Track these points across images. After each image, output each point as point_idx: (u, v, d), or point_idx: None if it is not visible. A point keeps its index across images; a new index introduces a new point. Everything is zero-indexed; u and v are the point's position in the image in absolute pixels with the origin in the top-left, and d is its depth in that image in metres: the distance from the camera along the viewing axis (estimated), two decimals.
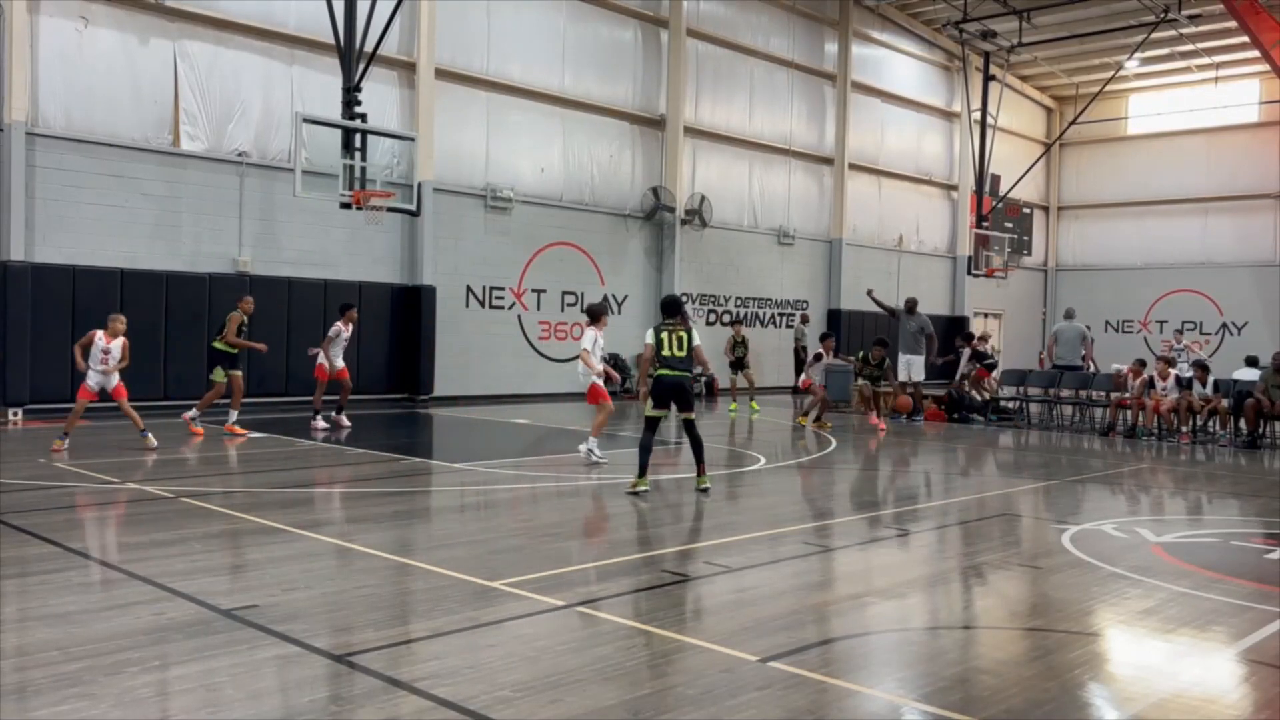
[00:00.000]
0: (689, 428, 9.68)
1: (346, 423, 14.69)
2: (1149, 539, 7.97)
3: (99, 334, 11.54)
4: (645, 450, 9.46)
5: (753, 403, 19.17)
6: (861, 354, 17.60)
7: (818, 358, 17.87)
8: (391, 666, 4.64)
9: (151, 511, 8.17)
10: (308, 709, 4.14)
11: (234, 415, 13.48)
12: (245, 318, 13.40)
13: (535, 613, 5.53)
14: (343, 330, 14.74)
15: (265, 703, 4.19)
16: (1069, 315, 20.23)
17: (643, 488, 9.39)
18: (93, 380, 11.56)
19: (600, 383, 11.73)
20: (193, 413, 13.49)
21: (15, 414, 14.37)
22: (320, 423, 14.29)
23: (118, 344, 11.64)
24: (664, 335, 9.52)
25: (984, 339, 22.65)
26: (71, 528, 7.42)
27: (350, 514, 8.31)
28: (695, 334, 9.67)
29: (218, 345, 13.26)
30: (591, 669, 4.63)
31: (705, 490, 9.55)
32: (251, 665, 4.60)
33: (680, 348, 9.49)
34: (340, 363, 14.87)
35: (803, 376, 18.75)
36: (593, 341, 11.62)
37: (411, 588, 6.19)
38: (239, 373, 13.48)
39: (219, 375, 13.24)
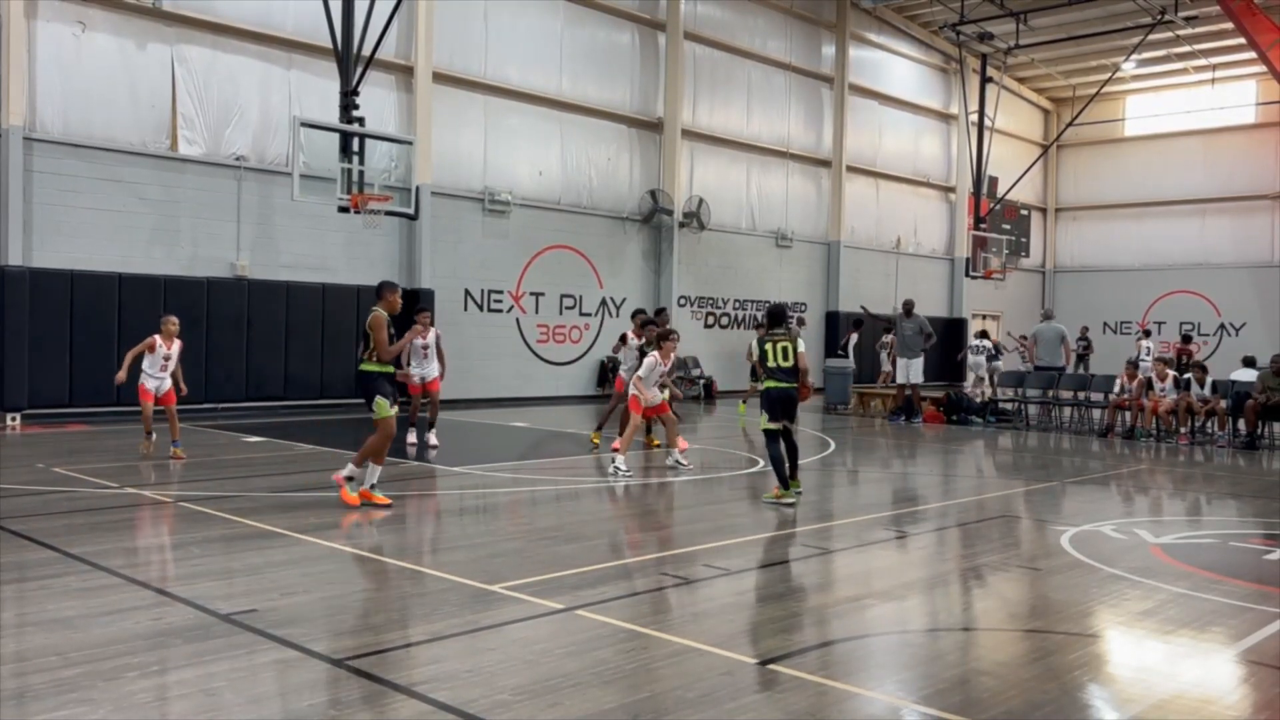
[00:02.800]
0: (787, 436, 9.47)
1: (435, 441, 12.86)
2: (1148, 540, 7.97)
3: (157, 338, 11.39)
4: (778, 461, 9.28)
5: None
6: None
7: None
8: (390, 670, 4.63)
9: (150, 516, 8.16)
10: (307, 713, 4.13)
11: (375, 474, 8.84)
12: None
13: (534, 616, 5.53)
14: (419, 336, 12.25)
15: (264, 707, 4.18)
16: (1048, 316, 20.24)
17: (788, 499, 9.20)
18: (150, 384, 11.39)
19: (651, 401, 11.55)
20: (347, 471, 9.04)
21: (14, 419, 14.35)
22: (411, 438, 12.88)
23: (176, 347, 11.53)
24: (769, 346, 9.37)
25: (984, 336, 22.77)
26: (70, 533, 7.41)
27: (348, 518, 8.30)
28: (800, 343, 9.53)
29: (370, 367, 8.72)
30: (591, 672, 4.63)
31: (799, 494, 9.46)
32: (250, 670, 4.59)
33: (786, 358, 9.31)
34: (430, 373, 12.99)
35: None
36: (650, 369, 11.35)
37: (410, 591, 6.18)
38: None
39: (384, 409, 8.62)
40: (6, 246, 14.44)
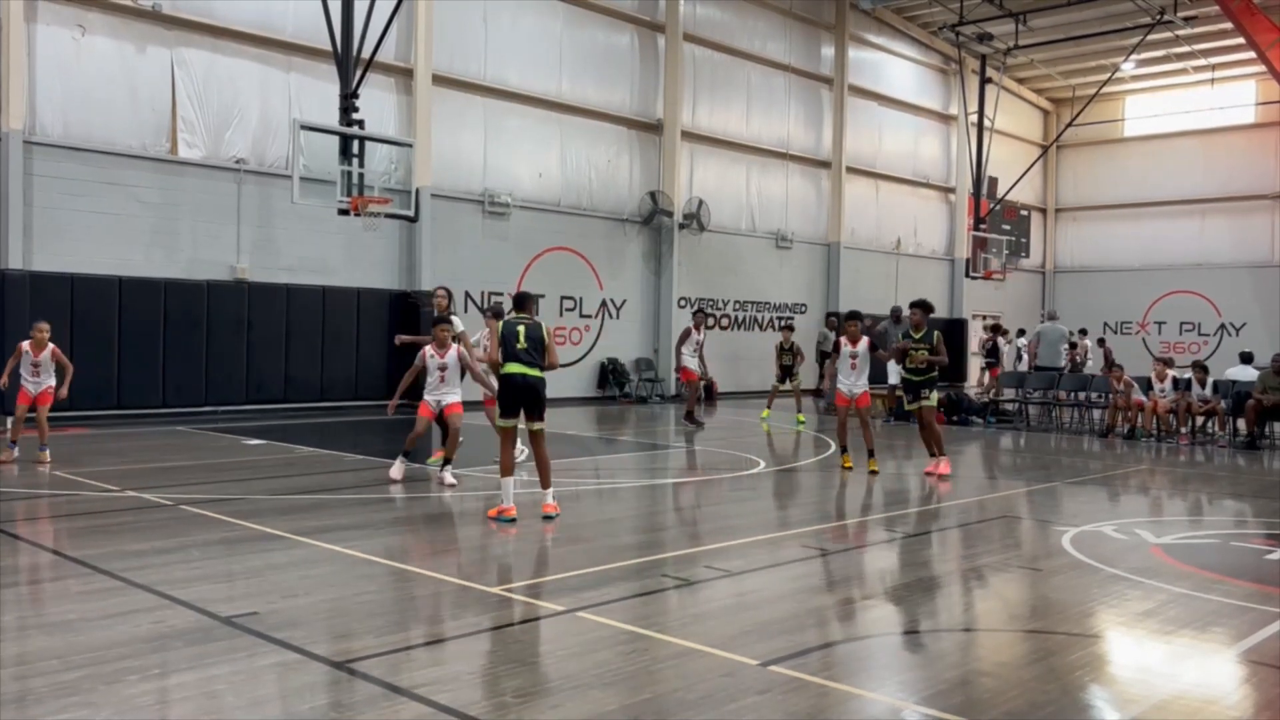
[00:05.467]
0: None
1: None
2: (1149, 540, 7.97)
3: (25, 346, 11.17)
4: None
5: (799, 415, 17.94)
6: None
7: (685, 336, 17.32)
8: (392, 673, 4.63)
9: (151, 519, 8.16)
10: (308, 716, 4.13)
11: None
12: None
13: (535, 618, 5.53)
14: (694, 334, 16.78)
15: (265, 710, 4.18)
16: (1051, 316, 20.21)
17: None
18: (31, 389, 11.20)
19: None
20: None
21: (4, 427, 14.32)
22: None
23: (46, 353, 11.29)
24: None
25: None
26: (71, 536, 7.41)
27: (349, 520, 8.30)
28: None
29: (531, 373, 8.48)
30: (592, 674, 4.63)
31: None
32: (251, 673, 4.59)
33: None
34: (690, 364, 16.80)
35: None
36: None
37: (411, 594, 6.18)
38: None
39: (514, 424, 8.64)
40: (6, 250, 14.44)
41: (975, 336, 32.90)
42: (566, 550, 7.39)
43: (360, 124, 15.29)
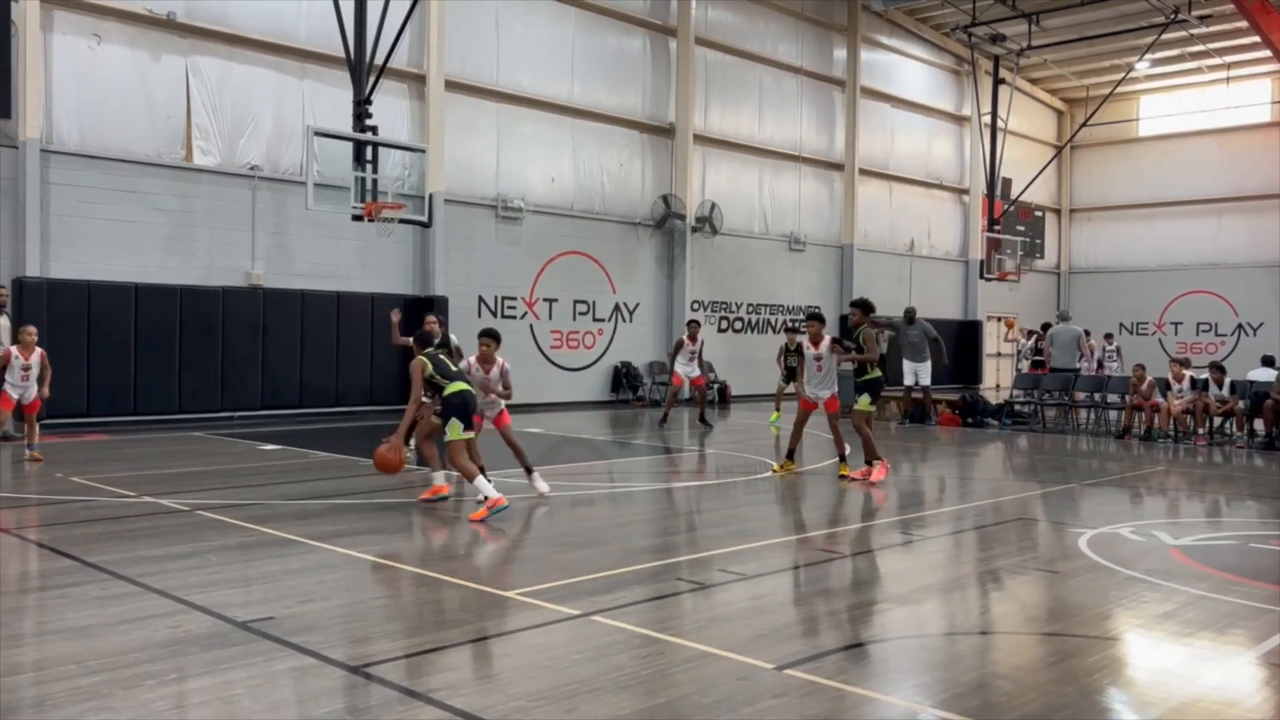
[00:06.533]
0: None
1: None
2: (1167, 542, 7.92)
3: (13, 350, 11.49)
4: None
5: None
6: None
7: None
8: (408, 677, 4.64)
9: (168, 525, 8.20)
10: None
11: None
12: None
13: (550, 622, 5.53)
14: (687, 345, 16.86)
15: (282, 714, 4.20)
16: (1064, 318, 20.08)
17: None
18: (14, 393, 11.58)
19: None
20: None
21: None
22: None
23: (36, 356, 11.63)
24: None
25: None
26: (88, 541, 7.45)
27: (365, 525, 8.32)
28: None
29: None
30: (607, 678, 4.62)
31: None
32: (268, 677, 4.60)
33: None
34: (681, 370, 16.93)
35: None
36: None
37: (426, 598, 6.19)
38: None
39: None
40: (24, 257, 14.55)
41: (991, 337, 32.82)
42: (581, 554, 7.39)
43: (373, 130, 15.34)
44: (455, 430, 8.71)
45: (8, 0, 14.27)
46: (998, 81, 28.69)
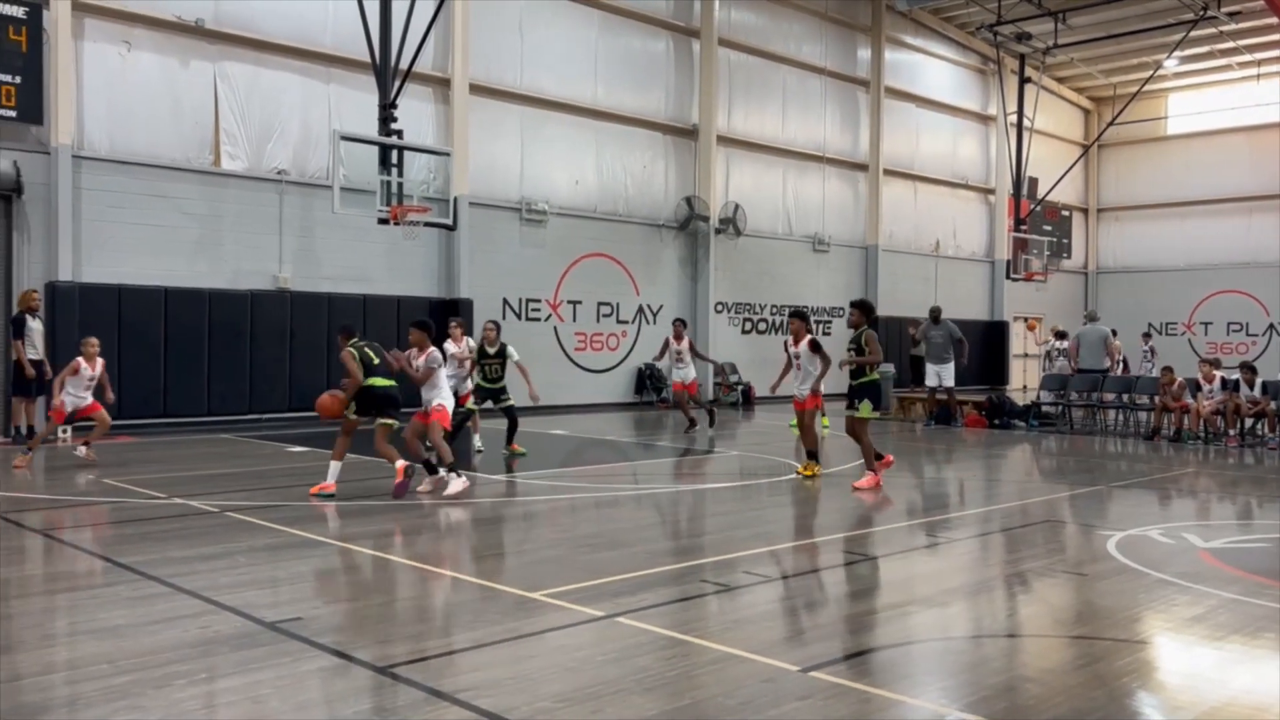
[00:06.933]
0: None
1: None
2: (1197, 544, 7.84)
3: (81, 361, 11.74)
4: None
5: (823, 419, 18.01)
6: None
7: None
8: (434, 678, 4.67)
9: (197, 526, 8.28)
10: None
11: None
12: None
13: (575, 623, 5.54)
14: (672, 344, 16.28)
15: (310, 714, 4.23)
16: (1092, 318, 19.88)
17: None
18: (70, 403, 11.78)
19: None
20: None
21: (65, 431, 14.61)
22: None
23: (99, 366, 11.92)
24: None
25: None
26: (120, 542, 7.54)
27: (391, 527, 8.38)
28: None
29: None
30: (632, 679, 4.63)
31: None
32: (296, 677, 4.65)
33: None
34: (678, 375, 16.32)
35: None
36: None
37: (452, 599, 6.23)
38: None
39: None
40: (57, 263, 14.73)
41: (1017, 338, 32.58)
42: (605, 556, 7.40)
43: (399, 134, 15.46)
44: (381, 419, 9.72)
45: (40, 8, 14.47)
46: (1024, 80, 28.50)
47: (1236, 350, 31.07)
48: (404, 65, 15.62)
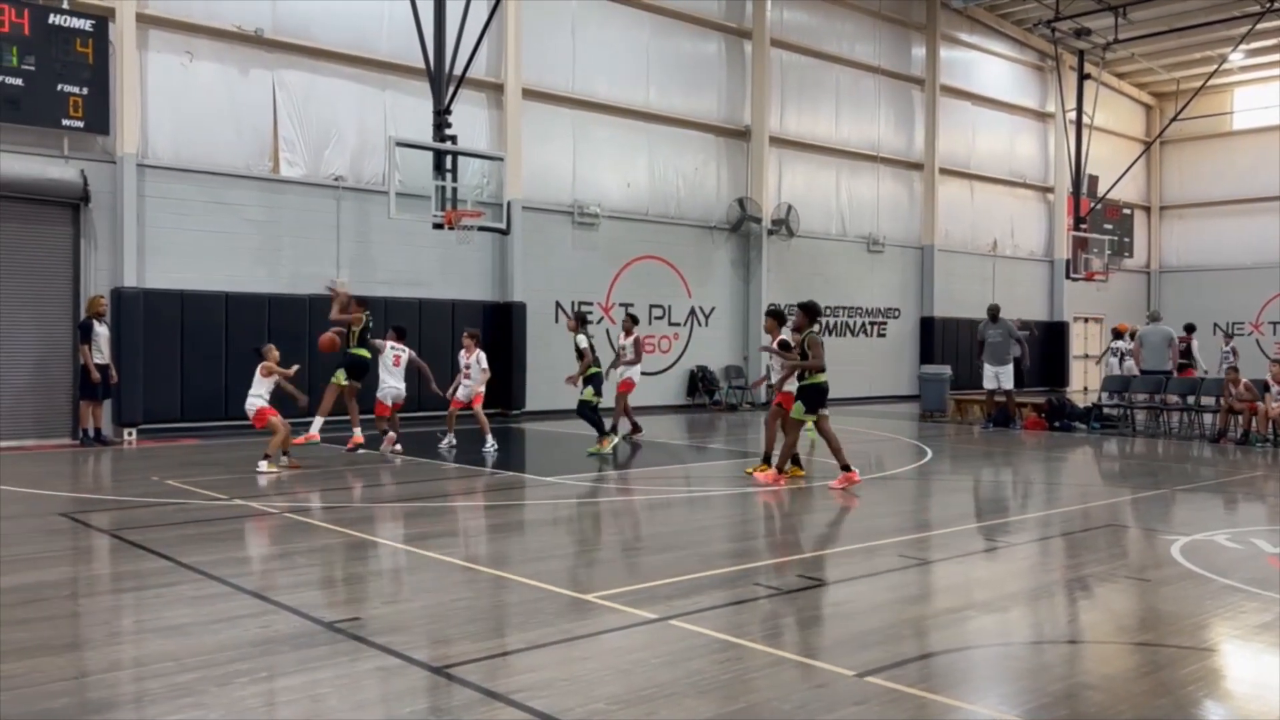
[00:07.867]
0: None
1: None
2: (1265, 550, 7.63)
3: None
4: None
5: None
6: None
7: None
8: (489, 678, 4.70)
9: (258, 527, 8.43)
10: (409, 719, 4.22)
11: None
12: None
13: (629, 625, 5.55)
14: (621, 338, 15.67)
15: (368, 713, 4.29)
16: (1154, 318, 19.42)
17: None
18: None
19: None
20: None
21: (130, 434, 14.97)
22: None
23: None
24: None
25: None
26: (183, 543, 7.70)
27: (448, 528, 8.46)
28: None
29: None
30: (685, 682, 4.62)
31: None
32: (354, 677, 4.71)
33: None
34: (627, 373, 15.23)
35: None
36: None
37: (507, 600, 6.27)
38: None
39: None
40: (123, 269, 15.10)
41: (1077, 339, 31.99)
42: (659, 558, 7.40)
43: (453, 139, 15.60)
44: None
45: (106, 21, 14.85)
46: (1083, 77, 27.99)
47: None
48: (458, 71, 15.77)
